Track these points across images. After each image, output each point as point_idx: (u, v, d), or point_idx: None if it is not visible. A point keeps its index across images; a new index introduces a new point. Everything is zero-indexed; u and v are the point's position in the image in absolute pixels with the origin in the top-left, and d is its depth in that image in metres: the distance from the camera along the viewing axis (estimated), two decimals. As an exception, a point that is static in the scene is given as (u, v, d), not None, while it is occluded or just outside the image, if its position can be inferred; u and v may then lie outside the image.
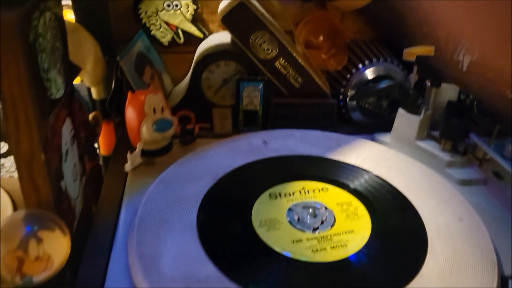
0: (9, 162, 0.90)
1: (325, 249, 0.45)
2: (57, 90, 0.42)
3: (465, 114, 0.58)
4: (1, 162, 0.90)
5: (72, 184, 0.48)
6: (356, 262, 0.44)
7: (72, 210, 0.48)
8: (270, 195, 0.52)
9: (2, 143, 0.93)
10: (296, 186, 0.54)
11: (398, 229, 0.49)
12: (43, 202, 0.41)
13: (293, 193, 0.53)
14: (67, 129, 0.47)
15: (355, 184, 0.54)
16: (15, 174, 0.40)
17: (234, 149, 0.59)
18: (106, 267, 0.45)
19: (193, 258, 0.44)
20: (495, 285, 0.42)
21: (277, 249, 0.45)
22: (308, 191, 0.53)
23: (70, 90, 0.49)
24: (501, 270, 0.46)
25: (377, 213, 0.50)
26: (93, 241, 0.48)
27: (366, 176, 0.56)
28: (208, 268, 0.43)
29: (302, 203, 0.51)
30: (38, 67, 0.39)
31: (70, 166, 0.47)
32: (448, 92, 0.66)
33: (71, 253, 0.43)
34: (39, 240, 0.40)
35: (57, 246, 0.41)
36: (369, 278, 0.43)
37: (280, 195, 0.52)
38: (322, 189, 0.53)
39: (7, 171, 0.91)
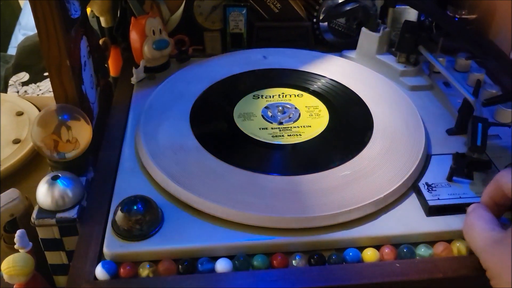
0: (31, 89, 1.02)
1: (282, 135, 0.58)
2: (75, 11, 0.53)
3: (417, 30, 0.69)
4: (24, 89, 1.02)
5: (90, 90, 0.60)
6: (304, 145, 0.57)
7: (91, 111, 0.60)
8: (253, 96, 0.65)
9: (23, 73, 1.06)
10: (277, 91, 0.66)
11: (350, 123, 0.61)
12: (70, 99, 0.53)
13: (273, 96, 0.65)
14: (84, 45, 0.58)
15: (321, 89, 0.66)
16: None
17: (232, 60, 0.72)
18: (119, 153, 0.58)
19: (182, 135, 0.57)
20: (418, 161, 0.54)
21: (246, 132, 0.58)
22: (285, 95, 0.65)
23: (85, 14, 0.60)
24: (429, 151, 0.58)
25: (335, 110, 0.62)
26: (109, 133, 0.60)
27: (332, 84, 0.68)
28: (192, 142, 0.56)
29: (277, 103, 0.63)
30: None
31: (88, 75, 0.59)
32: (409, 14, 0.76)
33: (92, 142, 0.55)
34: (69, 128, 0.52)
35: (82, 132, 0.53)
36: (314, 156, 0.56)
37: (262, 96, 0.65)
38: (298, 95, 0.65)
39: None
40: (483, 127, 0.51)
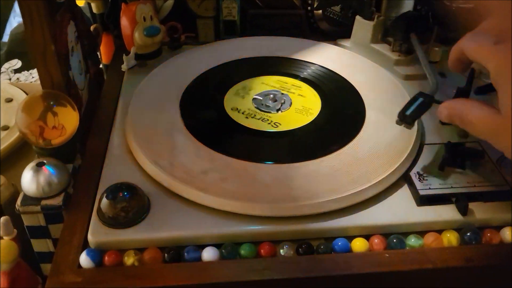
0: (24, 76, 1.01)
1: (272, 123, 0.57)
2: (61, -5, 0.52)
3: (411, 18, 0.67)
4: (17, 76, 1.02)
5: (78, 76, 0.59)
6: (295, 134, 0.56)
7: (79, 98, 0.59)
8: (245, 84, 0.64)
9: (16, 60, 1.05)
10: (270, 79, 0.65)
11: (342, 111, 0.60)
12: (56, 85, 0.53)
13: (264, 84, 0.64)
14: (71, 30, 0.57)
15: (314, 77, 0.65)
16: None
17: (225, 48, 0.71)
18: (108, 141, 0.57)
19: (171, 123, 0.56)
20: (409, 150, 0.53)
21: (236, 120, 0.57)
22: (278, 84, 0.64)
23: (72, -2, 0.59)
24: (421, 140, 0.57)
25: (328, 99, 0.61)
26: (98, 121, 0.60)
27: (325, 72, 0.67)
28: (181, 129, 0.55)
29: (269, 91, 0.62)
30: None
31: (76, 60, 0.58)
32: (405, 3, 0.75)
33: (79, 130, 0.54)
34: (55, 114, 0.51)
35: (68, 119, 0.52)
36: (304, 144, 0.56)
37: (253, 84, 0.64)
38: (291, 83, 0.64)
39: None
40: (422, 102, 0.50)
